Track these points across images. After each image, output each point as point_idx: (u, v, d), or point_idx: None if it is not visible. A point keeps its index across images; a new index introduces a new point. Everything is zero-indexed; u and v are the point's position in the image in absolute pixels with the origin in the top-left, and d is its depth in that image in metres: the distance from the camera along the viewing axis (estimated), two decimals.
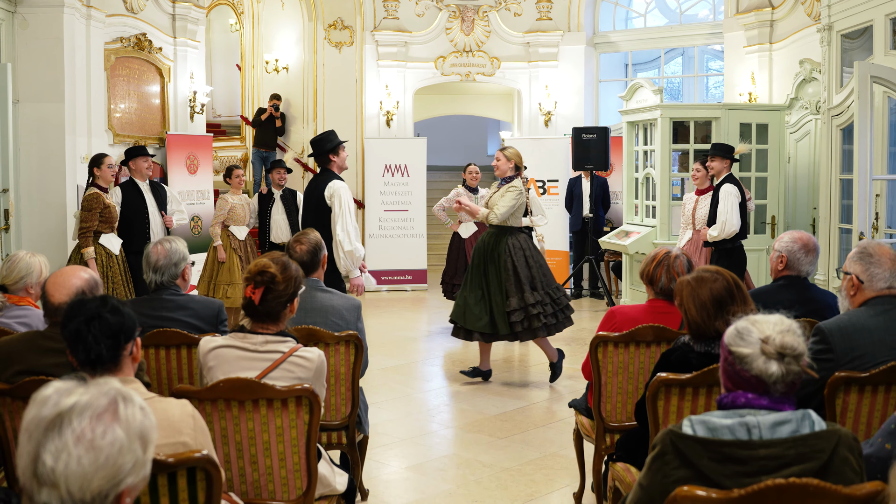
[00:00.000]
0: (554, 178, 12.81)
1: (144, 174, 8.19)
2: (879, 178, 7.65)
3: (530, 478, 5.31)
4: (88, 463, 1.57)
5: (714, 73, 15.77)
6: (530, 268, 7.27)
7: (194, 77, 11.50)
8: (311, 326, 4.33)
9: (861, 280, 3.53)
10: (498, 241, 7.31)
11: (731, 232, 7.72)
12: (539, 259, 7.42)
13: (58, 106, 8.69)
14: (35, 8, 8.52)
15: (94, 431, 1.59)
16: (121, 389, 1.69)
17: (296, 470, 3.31)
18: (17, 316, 4.21)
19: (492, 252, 7.29)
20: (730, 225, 7.70)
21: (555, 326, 7.38)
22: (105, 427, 1.60)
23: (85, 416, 1.60)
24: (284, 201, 9.72)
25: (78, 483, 1.56)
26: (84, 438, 1.58)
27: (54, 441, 1.57)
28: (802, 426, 2.26)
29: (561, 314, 7.42)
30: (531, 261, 7.30)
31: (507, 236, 7.31)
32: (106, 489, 1.59)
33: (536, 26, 14.02)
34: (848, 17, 8.28)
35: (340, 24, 13.97)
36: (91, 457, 1.57)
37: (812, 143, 10.33)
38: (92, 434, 1.58)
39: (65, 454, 1.56)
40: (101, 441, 1.59)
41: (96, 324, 2.58)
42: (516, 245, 7.29)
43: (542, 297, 7.25)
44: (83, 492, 1.56)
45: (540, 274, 7.31)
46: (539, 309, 7.21)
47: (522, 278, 7.20)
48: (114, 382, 1.70)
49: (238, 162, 14.48)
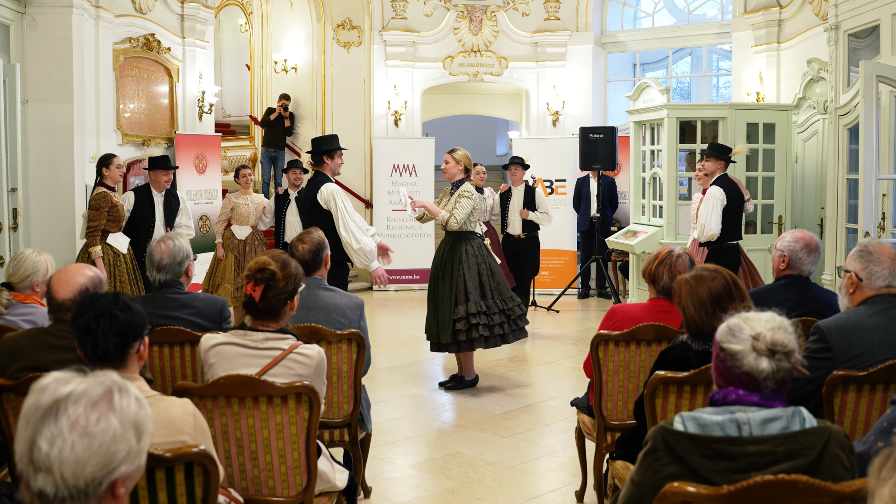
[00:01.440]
0: (562, 178, 12.82)
1: (162, 186, 8.25)
2: (886, 178, 7.63)
3: (533, 476, 5.33)
4: (82, 449, 1.60)
5: (723, 72, 15.74)
6: (481, 275, 7.06)
7: (203, 77, 11.55)
8: (313, 324, 4.37)
9: (860, 278, 3.53)
10: (454, 248, 7.12)
11: (710, 235, 7.63)
12: (493, 266, 7.19)
13: (67, 106, 8.73)
14: (44, 8, 8.57)
15: (88, 418, 1.63)
16: (117, 380, 1.72)
17: (295, 466, 3.33)
18: (23, 314, 4.26)
19: (448, 259, 7.10)
20: (708, 228, 7.62)
21: (502, 337, 7.13)
22: (99, 415, 1.64)
23: (80, 404, 1.64)
24: (299, 203, 9.73)
25: (71, 469, 1.59)
26: (78, 425, 1.61)
27: (50, 427, 1.61)
28: (793, 423, 2.28)
29: (512, 325, 7.16)
30: (482, 268, 7.09)
31: (464, 243, 7.12)
32: (99, 476, 1.62)
33: (544, 26, 14.02)
34: (855, 16, 8.27)
35: (349, 25, 14.01)
36: (85, 443, 1.61)
37: (820, 143, 10.31)
38: (86, 421, 1.62)
39: (59, 440, 1.60)
40: (95, 428, 1.62)
41: (106, 320, 2.62)
42: (470, 251, 7.09)
43: (489, 307, 7.02)
44: (76, 477, 1.60)
45: (492, 283, 7.11)
46: (481, 319, 6.96)
47: (470, 287, 7.00)
48: (112, 374, 1.74)
49: (247, 162, 14.53)
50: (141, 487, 2.52)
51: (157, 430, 2.58)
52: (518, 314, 7.21)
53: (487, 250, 7.28)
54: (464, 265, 7.04)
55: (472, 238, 7.18)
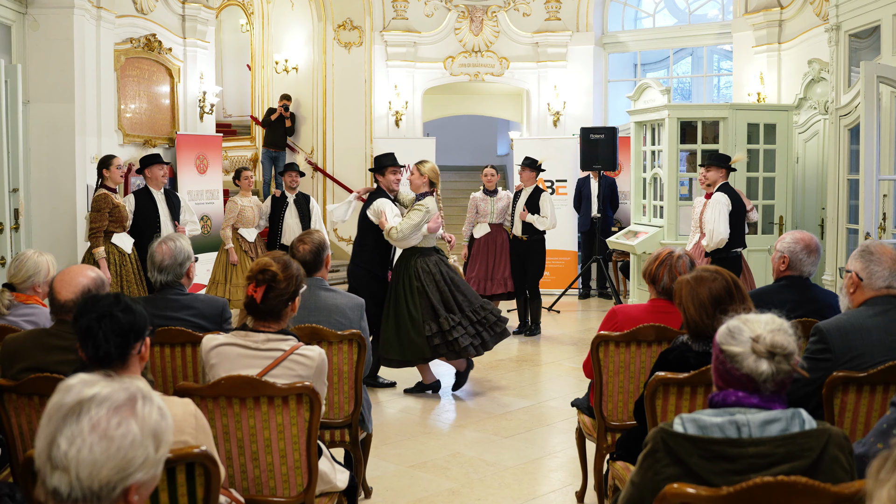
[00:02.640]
0: (562, 178, 12.82)
1: (160, 182, 8.23)
2: (886, 179, 7.63)
3: (533, 476, 5.34)
4: (100, 451, 1.62)
5: (724, 73, 15.74)
6: (441, 291, 6.91)
7: (204, 77, 11.55)
8: (314, 325, 4.38)
9: (861, 278, 3.54)
10: (407, 264, 6.99)
11: (720, 241, 7.60)
12: (455, 279, 7.06)
13: (68, 106, 8.74)
14: (45, 9, 8.58)
15: (109, 422, 1.65)
16: (143, 388, 1.75)
17: (296, 467, 3.34)
18: (25, 314, 4.27)
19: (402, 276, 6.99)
20: (717, 234, 7.60)
21: (482, 346, 6.98)
22: (121, 419, 1.66)
23: (103, 407, 1.66)
24: (298, 205, 9.73)
25: (88, 470, 1.61)
26: (99, 427, 1.64)
27: (71, 427, 1.63)
28: (792, 425, 2.28)
29: (488, 332, 7.02)
30: (442, 284, 6.94)
31: (417, 258, 6.97)
32: (115, 480, 1.64)
33: (545, 26, 14.02)
34: (856, 16, 8.27)
35: (350, 25, 14.01)
36: (103, 445, 1.63)
37: (821, 144, 10.31)
38: (107, 424, 1.64)
39: (79, 440, 1.62)
40: (115, 432, 1.65)
41: (107, 321, 2.63)
42: (426, 269, 6.95)
43: (459, 320, 6.90)
44: (92, 479, 1.62)
45: (457, 295, 6.98)
46: (458, 332, 6.83)
47: (435, 303, 6.86)
48: (138, 382, 1.78)
49: (248, 162, 14.54)
50: None
51: None
52: (492, 321, 7.05)
53: (447, 265, 7.13)
54: (423, 282, 6.90)
55: (428, 254, 7.04)
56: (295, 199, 9.72)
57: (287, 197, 9.71)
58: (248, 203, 9.51)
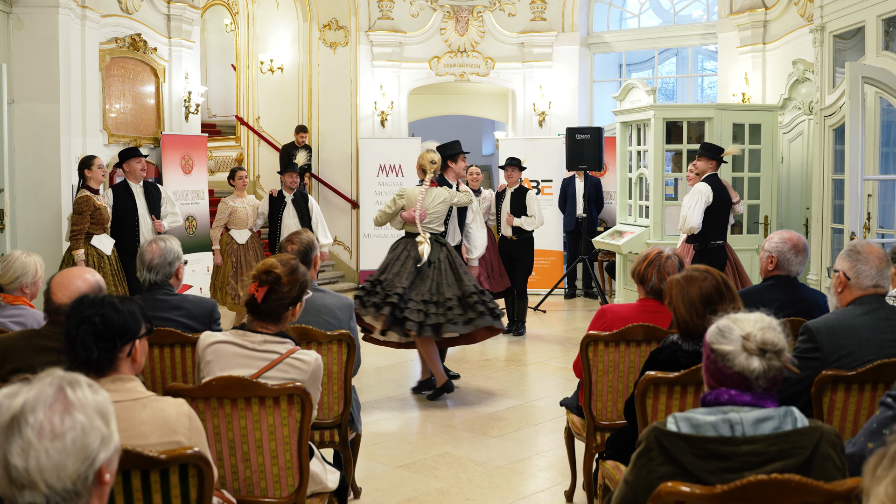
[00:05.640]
0: (548, 178, 12.85)
1: (138, 175, 8.23)
2: (871, 179, 7.69)
3: (522, 476, 5.35)
4: (57, 452, 1.59)
5: (708, 73, 15.81)
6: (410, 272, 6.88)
7: (189, 77, 11.51)
8: (303, 325, 4.37)
9: (848, 277, 3.56)
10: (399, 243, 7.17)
11: (690, 228, 7.63)
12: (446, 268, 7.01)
13: (53, 106, 8.70)
14: (30, 8, 8.53)
15: (52, 421, 1.60)
16: (63, 375, 1.69)
17: (288, 467, 3.34)
18: (13, 315, 4.24)
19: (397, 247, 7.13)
20: (689, 220, 7.63)
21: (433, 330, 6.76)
22: (62, 413, 1.62)
23: (39, 410, 1.61)
24: (296, 205, 9.67)
25: (54, 474, 1.58)
26: (45, 431, 1.59)
27: (17, 442, 1.58)
28: (785, 423, 2.30)
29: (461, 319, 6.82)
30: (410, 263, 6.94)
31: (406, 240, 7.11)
32: (82, 471, 1.61)
33: (531, 27, 14.04)
34: (840, 17, 8.32)
35: (335, 25, 13.99)
36: (58, 445, 1.59)
37: (805, 144, 10.37)
38: (51, 424, 1.60)
39: (32, 451, 1.57)
40: (62, 427, 1.61)
41: (85, 327, 2.60)
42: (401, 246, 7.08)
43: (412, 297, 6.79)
44: (62, 480, 1.59)
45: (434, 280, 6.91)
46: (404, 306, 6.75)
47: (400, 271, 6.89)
48: (56, 370, 1.70)
49: (234, 162, 14.47)
50: (136, 489, 2.52)
51: (152, 431, 2.58)
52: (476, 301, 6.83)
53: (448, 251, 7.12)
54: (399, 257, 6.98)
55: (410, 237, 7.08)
56: (293, 199, 9.65)
57: (285, 196, 9.64)
58: (241, 204, 9.41)
